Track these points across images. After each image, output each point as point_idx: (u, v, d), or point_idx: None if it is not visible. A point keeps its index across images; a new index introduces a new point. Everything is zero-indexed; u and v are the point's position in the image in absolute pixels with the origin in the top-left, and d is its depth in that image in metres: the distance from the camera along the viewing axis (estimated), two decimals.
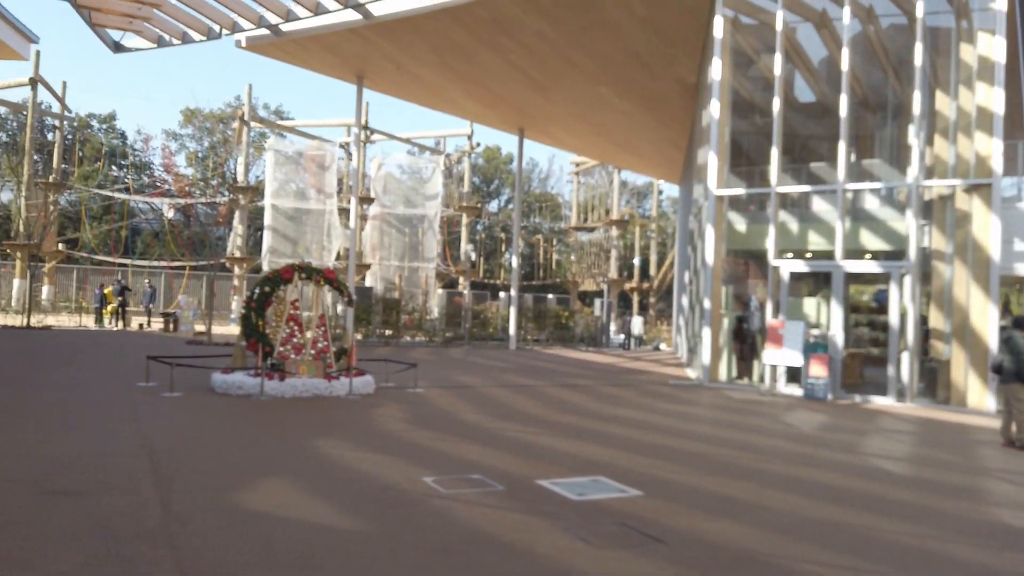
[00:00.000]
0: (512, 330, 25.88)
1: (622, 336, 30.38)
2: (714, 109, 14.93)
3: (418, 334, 26.56)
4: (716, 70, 14.92)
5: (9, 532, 4.49)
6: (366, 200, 36.10)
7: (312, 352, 11.92)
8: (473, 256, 28.61)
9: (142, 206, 44.01)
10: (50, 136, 40.28)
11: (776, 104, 14.93)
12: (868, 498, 6.49)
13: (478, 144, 37.96)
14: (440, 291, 29.17)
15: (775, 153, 14.92)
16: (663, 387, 15.13)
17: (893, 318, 13.76)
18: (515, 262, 26.52)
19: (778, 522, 5.54)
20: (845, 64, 14.36)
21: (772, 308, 14.64)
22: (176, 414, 9.26)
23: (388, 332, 25.66)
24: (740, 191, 16.06)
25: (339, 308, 23.80)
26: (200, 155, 50.30)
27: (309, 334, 12.02)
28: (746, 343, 15.23)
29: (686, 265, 26.65)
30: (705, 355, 15.11)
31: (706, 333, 15.06)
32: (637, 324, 29.51)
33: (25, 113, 37.79)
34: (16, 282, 31.64)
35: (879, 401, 13.70)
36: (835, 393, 13.88)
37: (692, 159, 25.02)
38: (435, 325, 26.53)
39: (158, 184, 46.47)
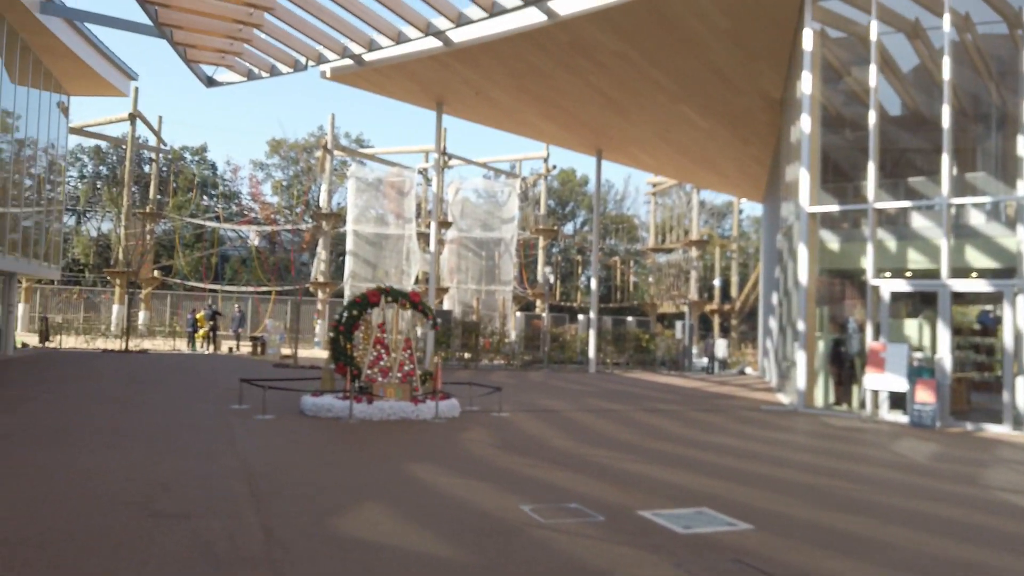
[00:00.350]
0: (592, 353, 25.53)
1: (705, 360, 29.56)
2: (805, 124, 14.40)
3: (496, 357, 26.52)
4: (806, 84, 14.42)
5: (119, 554, 4.53)
6: (444, 224, 36.55)
7: (399, 375, 11.95)
8: (551, 279, 28.41)
9: (231, 234, 45.79)
10: (146, 168, 42.49)
11: (872, 117, 14.30)
12: (1003, 536, 5.94)
13: (554, 166, 38.00)
14: (518, 314, 29.09)
15: (872, 168, 14.25)
16: (755, 412, 14.53)
17: (1007, 340, 12.83)
18: (594, 284, 26.21)
19: (908, 562, 5.10)
20: (946, 73, 13.63)
21: (872, 330, 13.89)
22: (270, 436, 9.37)
23: (467, 355, 25.71)
24: (834, 208, 15.40)
25: (418, 331, 24.00)
26: (285, 183, 52.06)
27: (395, 356, 12.06)
28: (844, 367, 14.49)
29: (773, 286, 25.77)
30: (800, 379, 14.44)
31: (801, 357, 14.40)
32: (721, 347, 28.66)
33: (123, 147, 39.97)
34: (115, 308, 33.29)
35: (993, 429, 12.76)
36: (943, 420, 13.02)
37: (777, 176, 24.28)
38: (514, 348, 26.43)
39: (245, 212, 48.33)
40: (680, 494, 6.88)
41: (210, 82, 23.45)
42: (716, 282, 43.80)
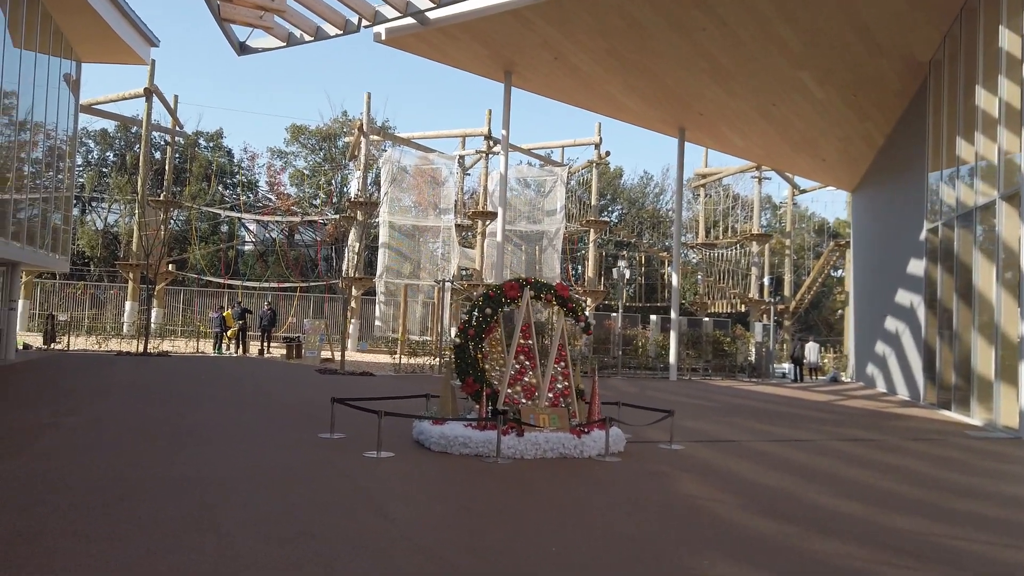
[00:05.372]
0: (673, 358, 22.53)
1: (786, 365, 26.50)
2: None
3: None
4: None
5: None
6: (483, 215, 33.51)
7: (549, 395, 8.94)
8: (627, 274, 25.37)
9: (250, 226, 42.58)
10: (157, 154, 39.29)
11: None
12: None
13: (607, 152, 34.89)
14: (586, 313, 26.05)
15: None
16: (964, 439, 11.53)
17: None
18: (675, 280, 23.16)
19: None
20: None
21: None
22: (420, 495, 6.36)
23: None
24: None
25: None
26: (307, 172, 48.51)
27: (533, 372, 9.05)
28: None
29: (869, 281, 22.80)
30: None
31: None
32: (813, 351, 25.52)
33: (135, 129, 36.78)
34: (127, 305, 30.14)
35: None
36: None
37: (893, 159, 21.27)
38: (583, 352, 23.40)
39: (262, 204, 45.08)
40: None
41: (243, 49, 20.40)
42: (766, 280, 40.73)
